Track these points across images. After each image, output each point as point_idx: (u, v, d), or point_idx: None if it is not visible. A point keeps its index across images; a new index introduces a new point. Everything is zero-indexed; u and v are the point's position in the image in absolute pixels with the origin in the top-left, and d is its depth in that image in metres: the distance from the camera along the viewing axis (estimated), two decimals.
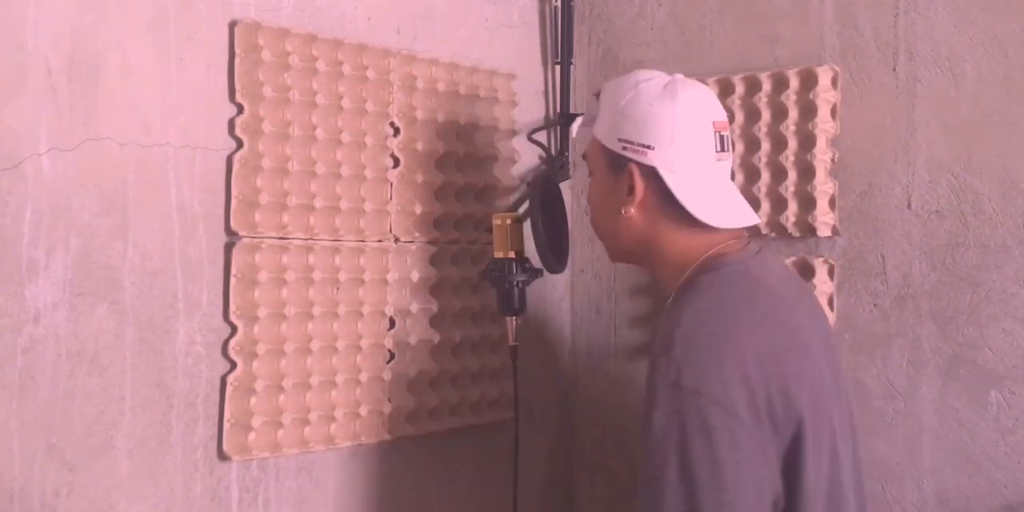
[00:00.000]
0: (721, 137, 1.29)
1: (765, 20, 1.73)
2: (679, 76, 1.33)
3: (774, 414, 1.14)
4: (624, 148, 1.28)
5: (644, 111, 1.27)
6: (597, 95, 1.39)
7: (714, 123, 1.29)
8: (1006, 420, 1.49)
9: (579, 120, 1.40)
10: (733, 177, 1.54)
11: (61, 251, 1.32)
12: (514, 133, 1.88)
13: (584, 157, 1.40)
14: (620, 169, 1.29)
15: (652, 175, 1.26)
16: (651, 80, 1.30)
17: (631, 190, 1.28)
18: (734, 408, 1.11)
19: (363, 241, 1.63)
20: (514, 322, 1.70)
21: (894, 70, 1.59)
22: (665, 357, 1.15)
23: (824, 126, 1.63)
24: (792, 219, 1.66)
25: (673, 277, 1.28)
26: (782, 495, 1.15)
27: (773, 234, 1.69)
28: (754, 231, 1.64)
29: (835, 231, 1.64)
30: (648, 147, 1.26)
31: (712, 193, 1.29)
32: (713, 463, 1.10)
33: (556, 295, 1.97)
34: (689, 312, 1.18)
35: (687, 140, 1.27)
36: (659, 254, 1.30)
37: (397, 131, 1.69)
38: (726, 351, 1.14)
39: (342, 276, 1.59)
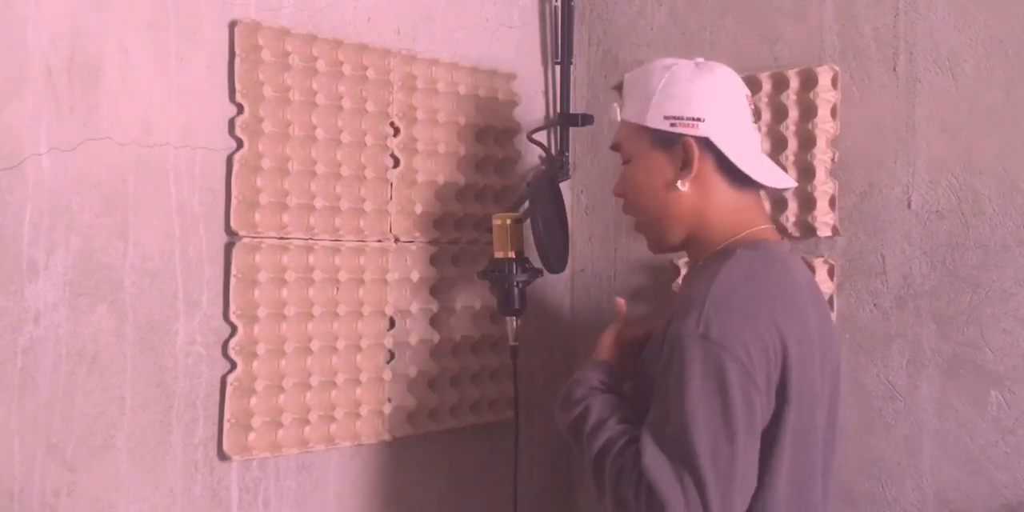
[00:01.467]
0: (752, 109, 1.37)
1: (765, 20, 1.73)
2: (700, 59, 1.39)
3: (771, 389, 1.20)
4: (673, 124, 1.32)
5: (686, 88, 1.33)
6: (617, 87, 1.42)
7: (746, 96, 1.37)
8: (1006, 420, 1.49)
9: (615, 113, 1.42)
10: None
11: (61, 251, 1.32)
12: (514, 133, 1.88)
13: (615, 147, 1.41)
14: (670, 145, 1.33)
15: (705, 146, 1.32)
16: (678, 63, 1.37)
17: (687, 163, 1.32)
18: (752, 371, 1.17)
19: (363, 241, 1.63)
20: (514, 322, 1.70)
21: (894, 70, 1.59)
22: (697, 311, 1.20)
23: (824, 126, 1.63)
24: (792, 219, 1.66)
25: (710, 247, 1.33)
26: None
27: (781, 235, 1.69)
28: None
29: (835, 231, 1.64)
30: (698, 119, 1.31)
31: (758, 157, 1.37)
32: (727, 415, 1.16)
33: (556, 295, 1.97)
34: (726, 277, 1.23)
35: (732, 110, 1.34)
36: (704, 227, 1.34)
37: (397, 131, 1.69)
38: (753, 319, 1.20)
39: (342, 276, 1.59)
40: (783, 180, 1.38)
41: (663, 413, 1.19)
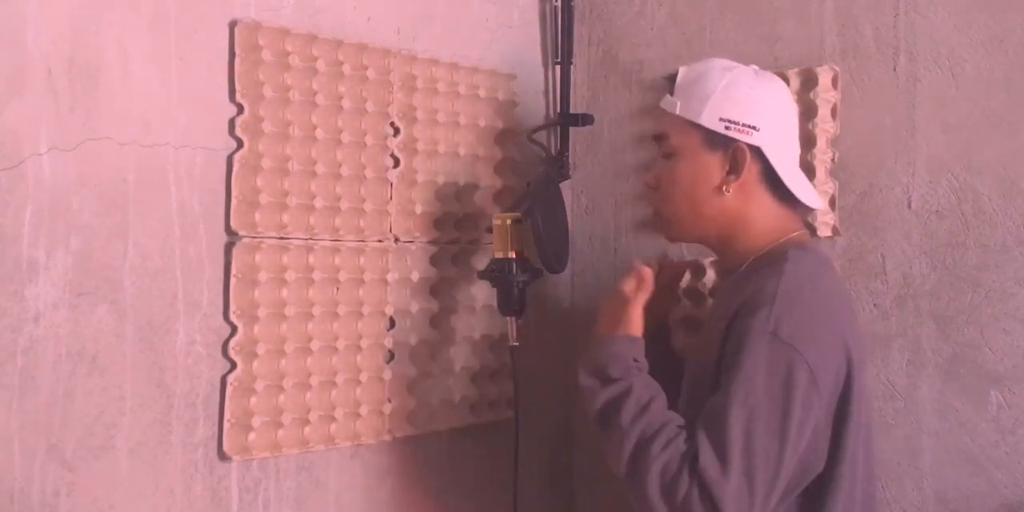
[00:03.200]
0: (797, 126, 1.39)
1: (765, 20, 1.73)
2: (755, 66, 1.41)
3: (837, 388, 1.22)
4: (727, 127, 1.33)
5: (747, 94, 1.34)
6: (671, 78, 1.43)
7: (797, 112, 1.39)
8: (1006, 420, 1.49)
9: (672, 104, 1.39)
10: None
11: (61, 251, 1.32)
12: (514, 133, 1.88)
13: (659, 138, 1.40)
14: (721, 148, 1.33)
15: (755, 154, 1.33)
16: (738, 67, 1.38)
17: (735, 170, 1.33)
18: (819, 373, 1.18)
19: (363, 241, 1.63)
20: (514, 322, 1.70)
21: (894, 70, 1.59)
22: (767, 308, 1.20)
23: (824, 126, 1.63)
24: None
25: (749, 252, 1.34)
26: (822, 460, 1.23)
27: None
28: None
29: (835, 231, 1.64)
30: (754, 128, 1.32)
31: (800, 174, 1.38)
32: (786, 415, 1.17)
33: (556, 295, 1.97)
34: (793, 277, 1.24)
35: (785, 123, 1.36)
36: (741, 233, 1.35)
37: (397, 131, 1.69)
38: (822, 321, 1.22)
39: (342, 276, 1.59)
40: (817, 200, 1.40)
41: (723, 412, 1.18)
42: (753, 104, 1.33)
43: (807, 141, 1.64)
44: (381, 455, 1.68)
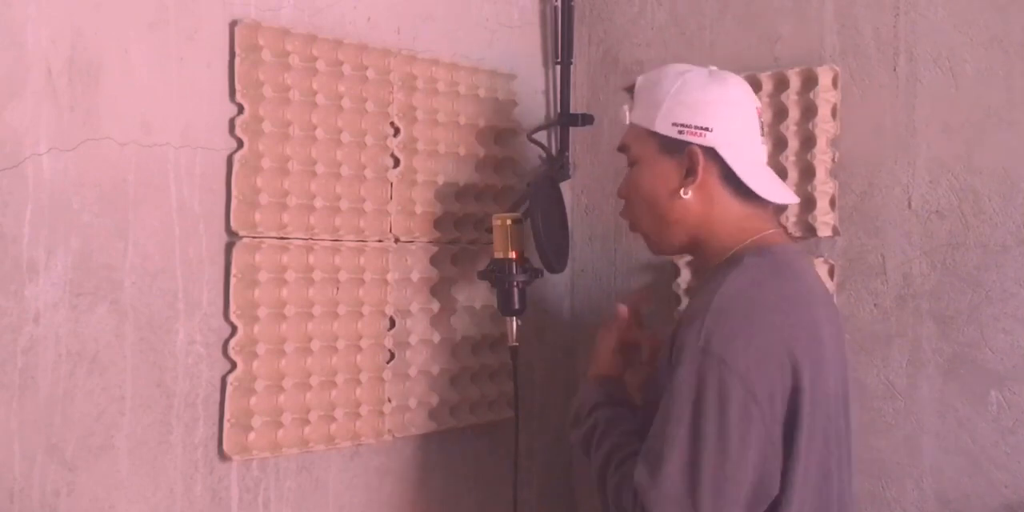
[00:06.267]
0: (761, 123, 1.37)
1: (765, 20, 1.73)
2: (713, 67, 1.40)
3: (783, 398, 1.20)
4: (681, 131, 1.33)
5: (698, 96, 1.33)
6: (629, 89, 1.43)
7: (756, 109, 1.37)
8: (1006, 420, 1.49)
9: (624, 114, 1.41)
10: None
11: (61, 251, 1.32)
12: (514, 133, 1.88)
13: (622, 149, 1.41)
14: (676, 152, 1.33)
15: (711, 156, 1.32)
16: (692, 70, 1.37)
17: (691, 171, 1.32)
18: (753, 385, 1.17)
19: (363, 241, 1.63)
20: (514, 322, 1.70)
21: (894, 70, 1.59)
22: (699, 322, 1.20)
23: (824, 126, 1.63)
24: (792, 219, 1.66)
25: (718, 255, 1.33)
26: (776, 477, 1.20)
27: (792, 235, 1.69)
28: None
29: (835, 231, 1.64)
30: (706, 129, 1.32)
31: (762, 172, 1.37)
32: (722, 429, 1.16)
33: (556, 295, 1.97)
34: (730, 288, 1.23)
35: (740, 122, 1.34)
36: (709, 235, 1.34)
37: (397, 131, 1.69)
38: (757, 331, 1.20)
39: (342, 276, 1.59)
40: (785, 196, 1.38)
41: (660, 429, 1.20)
42: (705, 106, 1.32)
43: (807, 141, 1.64)
44: (381, 455, 1.68)
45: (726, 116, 1.33)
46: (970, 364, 1.52)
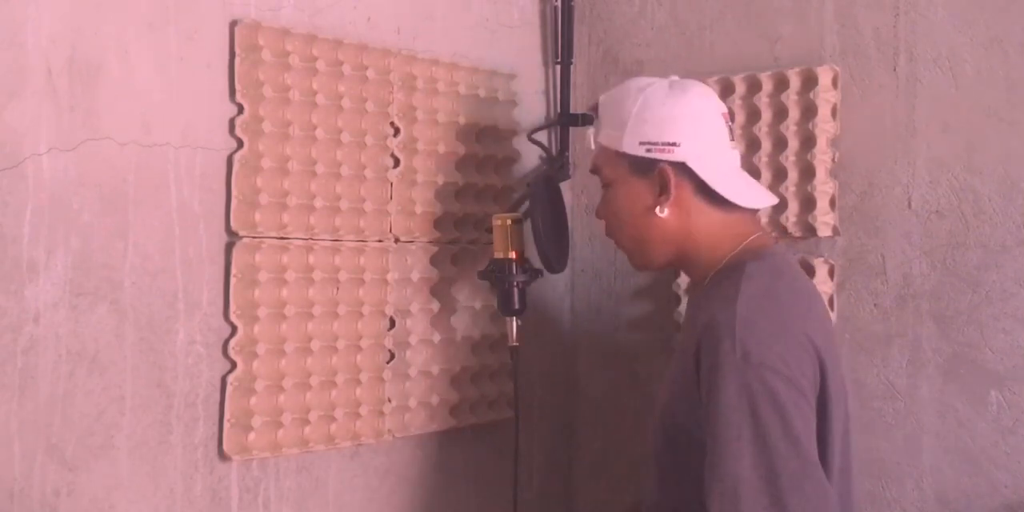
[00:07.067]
0: (729, 127, 1.37)
1: (765, 20, 1.73)
2: (675, 77, 1.39)
3: (815, 390, 1.22)
4: (648, 150, 1.32)
5: (660, 112, 1.33)
6: (594, 109, 1.44)
7: (723, 114, 1.36)
8: (1006, 420, 1.49)
9: (589, 139, 1.42)
10: None
11: (61, 251, 1.32)
12: (514, 133, 1.88)
13: (595, 171, 1.41)
14: (647, 171, 1.33)
15: (682, 170, 1.32)
16: (652, 84, 1.36)
17: (664, 189, 1.32)
18: (797, 381, 1.18)
19: (363, 241, 1.63)
20: (514, 322, 1.70)
21: (894, 70, 1.59)
22: (729, 338, 1.19)
23: (824, 126, 1.63)
24: (792, 219, 1.66)
25: (710, 266, 1.34)
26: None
27: (774, 234, 1.69)
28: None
29: (835, 231, 1.64)
30: (673, 144, 1.31)
31: (736, 178, 1.36)
32: (784, 422, 1.16)
33: (556, 295, 1.97)
34: (747, 295, 1.23)
35: (707, 132, 1.34)
36: (694, 248, 1.34)
37: (397, 131, 1.69)
38: (786, 330, 1.22)
39: (342, 276, 1.59)
40: (762, 199, 1.38)
41: (718, 457, 1.16)
42: (670, 121, 1.32)
43: (807, 141, 1.64)
44: (381, 455, 1.68)
45: (692, 128, 1.32)
46: (970, 364, 1.52)
